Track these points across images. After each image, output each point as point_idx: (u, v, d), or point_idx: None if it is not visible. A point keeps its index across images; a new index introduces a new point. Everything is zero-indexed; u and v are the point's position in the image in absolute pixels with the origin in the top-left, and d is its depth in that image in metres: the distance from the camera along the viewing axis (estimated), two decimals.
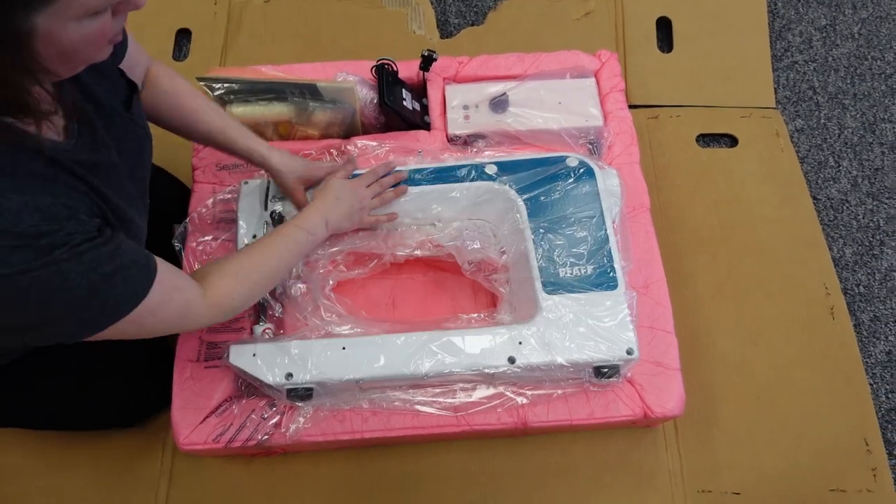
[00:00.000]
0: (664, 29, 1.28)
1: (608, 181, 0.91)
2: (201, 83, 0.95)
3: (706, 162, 1.16)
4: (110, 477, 0.97)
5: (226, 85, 0.96)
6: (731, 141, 1.19)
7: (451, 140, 1.00)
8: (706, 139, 1.21)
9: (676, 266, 1.07)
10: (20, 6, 0.43)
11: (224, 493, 0.95)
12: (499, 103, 1.00)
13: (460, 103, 1.02)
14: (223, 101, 0.97)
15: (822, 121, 1.24)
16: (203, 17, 1.27)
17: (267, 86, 0.96)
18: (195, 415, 0.84)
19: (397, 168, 0.91)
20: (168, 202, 0.99)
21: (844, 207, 1.16)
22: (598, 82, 1.05)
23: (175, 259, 0.90)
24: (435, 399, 0.83)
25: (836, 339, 1.02)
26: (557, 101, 1.01)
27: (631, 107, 1.20)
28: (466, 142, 1.00)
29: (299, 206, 0.87)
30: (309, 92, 0.96)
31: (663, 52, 1.26)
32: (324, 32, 1.22)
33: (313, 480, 0.94)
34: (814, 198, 1.15)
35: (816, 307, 1.04)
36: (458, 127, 1.00)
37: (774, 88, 1.24)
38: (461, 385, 0.83)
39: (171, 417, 0.84)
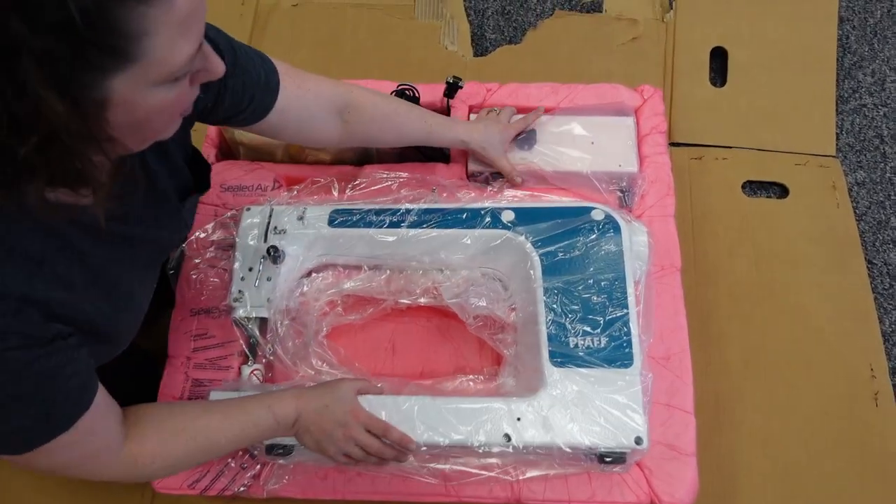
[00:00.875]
0: (719, 59, 1.18)
1: (636, 238, 0.83)
2: None
3: (751, 212, 1.06)
4: None
5: None
6: (782, 191, 1.09)
7: (471, 176, 0.93)
8: (753, 187, 1.10)
9: (705, 326, 0.98)
10: (97, 67, 0.38)
11: None
12: (525, 139, 0.93)
13: None
14: None
15: (888, 174, 1.12)
16: (229, 18, 1.22)
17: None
18: None
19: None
20: None
21: None
22: (637, 121, 0.96)
23: (167, 283, 0.86)
24: (424, 464, 0.78)
25: (877, 429, 0.92)
26: (591, 140, 0.93)
27: (673, 144, 1.12)
28: (487, 179, 0.92)
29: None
30: None
31: (715, 85, 1.15)
32: (350, 42, 1.16)
33: None
34: (868, 262, 1.04)
35: (859, 389, 0.94)
36: (478, 163, 0.92)
37: (836, 134, 1.12)
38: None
39: None
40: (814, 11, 1.20)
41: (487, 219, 0.84)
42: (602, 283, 0.79)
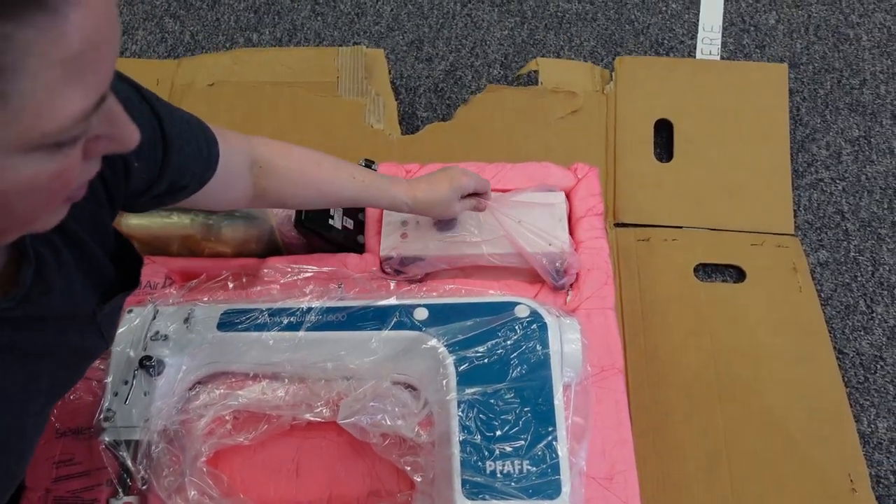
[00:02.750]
0: (664, 133, 1.13)
1: (567, 336, 0.74)
2: None
3: (706, 299, 0.98)
4: None
5: None
6: (738, 274, 1.02)
7: (384, 264, 0.85)
8: (707, 270, 1.03)
9: (660, 434, 0.89)
10: None
11: None
12: (442, 223, 0.85)
13: (399, 218, 0.87)
14: None
15: (853, 254, 1.06)
16: None
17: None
18: None
19: None
20: None
21: (878, 367, 0.97)
22: (570, 202, 0.90)
23: None
24: None
25: None
26: (517, 219, 0.86)
27: (618, 225, 1.06)
28: (401, 266, 0.85)
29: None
30: None
31: (661, 160, 1.11)
32: (270, 121, 1.11)
33: None
34: (839, 352, 0.96)
35: (837, 502, 0.84)
36: (392, 248, 0.85)
37: (794, 211, 1.07)
38: None
39: None
40: (764, 80, 1.18)
41: (397, 318, 0.75)
42: (525, 393, 0.69)
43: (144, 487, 0.74)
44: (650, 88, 1.14)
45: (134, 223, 0.86)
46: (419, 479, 0.70)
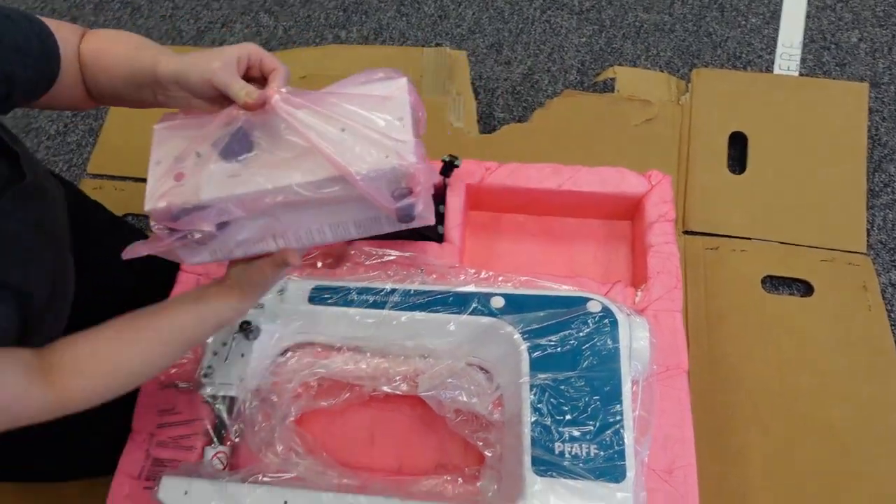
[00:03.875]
0: (738, 146, 1.16)
1: (636, 335, 0.78)
2: None
3: (772, 311, 1.00)
4: None
5: None
6: (806, 288, 1.03)
7: (153, 222, 0.58)
8: (775, 282, 1.05)
9: (721, 437, 0.91)
10: None
11: None
12: (231, 145, 0.57)
13: (172, 154, 0.59)
14: None
15: None
16: None
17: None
18: None
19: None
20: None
21: None
22: (643, 207, 0.94)
23: None
24: None
25: None
26: (339, 126, 0.56)
27: (688, 233, 1.08)
28: (175, 222, 0.58)
29: (228, 91, 0.57)
30: None
31: (734, 172, 1.13)
32: None
33: None
34: None
35: None
36: (161, 196, 0.57)
37: (867, 230, 1.07)
38: None
39: None
40: (843, 98, 1.18)
41: (475, 304, 0.80)
42: (595, 383, 0.74)
43: (237, 440, 0.81)
44: (726, 101, 1.16)
45: None
46: (489, 455, 0.76)
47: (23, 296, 0.62)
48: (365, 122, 0.57)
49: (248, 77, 0.58)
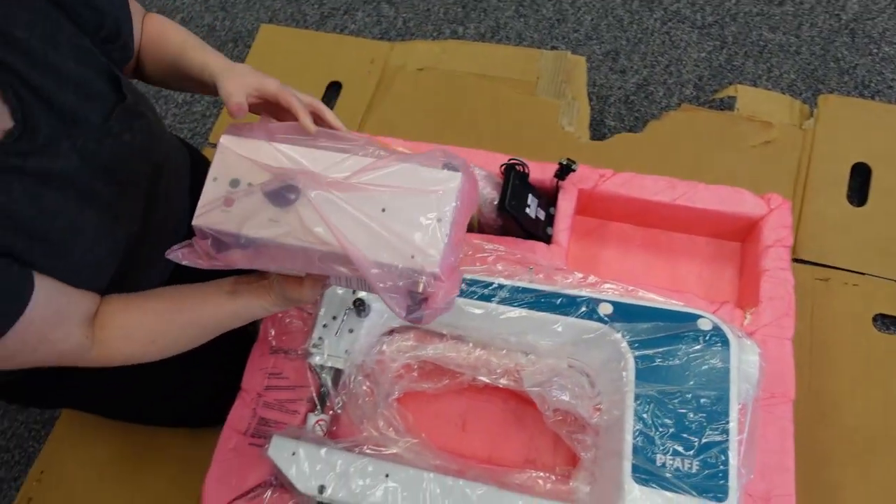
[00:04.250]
0: (860, 177, 1.11)
1: (745, 357, 0.77)
2: None
3: (883, 350, 0.97)
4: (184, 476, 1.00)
5: None
6: None
7: (197, 238, 0.62)
8: (887, 322, 1.01)
9: (815, 470, 0.89)
10: None
11: None
12: (279, 194, 0.59)
13: (229, 177, 0.61)
14: None
15: None
16: (356, 74, 1.30)
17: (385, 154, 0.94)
18: (226, 492, 0.81)
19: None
20: None
21: None
22: (760, 231, 0.92)
23: None
24: None
25: None
26: (381, 207, 0.58)
27: (797, 261, 1.06)
28: (215, 248, 0.61)
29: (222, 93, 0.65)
30: None
31: (853, 204, 1.09)
32: (467, 111, 1.20)
33: None
34: None
35: None
36: (209, 217, 0.60)
37: None
38: None
39: (203, 489, 0.82)
40: None
41: (584, 308, 0.81)
42: (702, 401, 0.73)
43: (339, 409, 0.86)
44: (852, 130, 1.12)
45: None
46: (587, 457, 0.77)
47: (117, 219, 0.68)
48: (405, 213, 0.57)
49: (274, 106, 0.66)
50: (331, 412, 0.86)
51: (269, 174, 0.59)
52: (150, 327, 0.69)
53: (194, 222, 0.60)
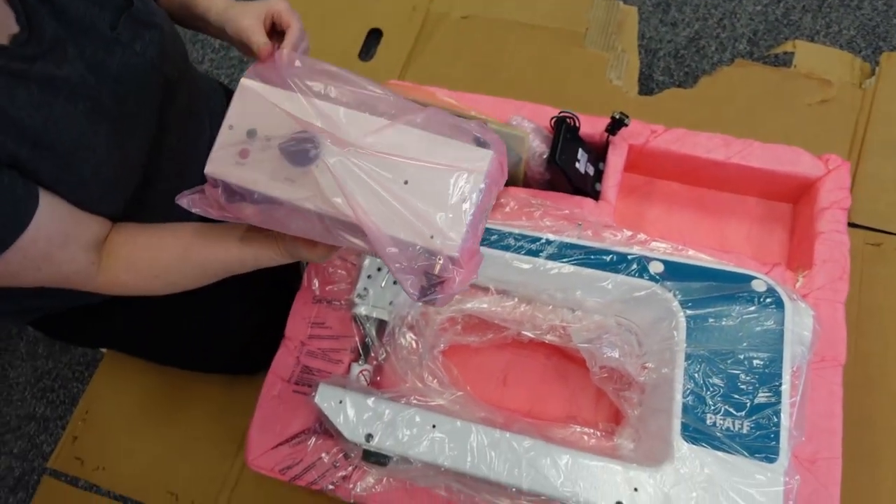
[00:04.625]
0: None
1: (799, 320, 0.76)
2: None
3: None
4: (210, 425, 1.02)
5: None
6: None
7: (208, 186, 0.59)
8: None
9: (860, 435, 0.88)
10: None
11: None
12: (298, 153, 0.55)
13: (246, 126, 0.57)
14: None
15: None
16: (397, 22, 1.27)
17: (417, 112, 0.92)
18: (270, 438, 0.82)
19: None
20: None
21: None
22: (817, 192, 0.89)
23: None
24: None
25: None
26: (405, 178, 0.55)
27: (850, 225, 1.03)
28: (226, 197, 0.58)
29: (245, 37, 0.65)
30: None
31: None
32: (512, 61, 1.17)
33: None
34: None
35: None
36: (222, 166, 0.57)
37: None
38: None
39: (248, 433, 0.83)
40: None
41: (634, 266, 0.80)
42: (754, 362, 0.73)
43: (382, 360, 0.86)
44: None
45: None
46: (633, 414, 0.76)
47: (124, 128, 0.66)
48: (430, 188, 0.53)
49: (273, 30, 0.65)
50: (374, 362, 0.86)
51: (288, 129, 0.55)
52: (154, 262, 0.68)
53: (206, 169, 0.57)
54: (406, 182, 0.54)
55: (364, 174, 0.54)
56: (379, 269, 0.86)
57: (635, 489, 0.67)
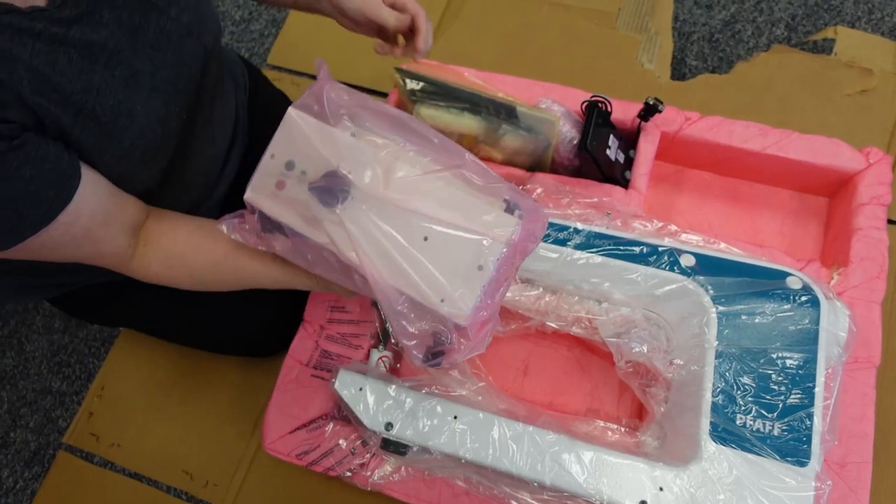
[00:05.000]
0: None
1: (835, 320, 0.73)
2: (397, 74, 0.90)
3: None
4: (228, 408, 1.02)
5: (422, 83, 0.90)
6: None
7: (248, 211, 0.61)
8: None
9: (885, 438, 0.86)
10: None
11: (296, 493, 0.94)
12: (326, 192, 0.55)
13: (286, 157, 0.58)
14: (413, 98, 0.92)
15: None
16: None
17: (463, 95, 0.89)
18: (287, 422, 0.81)
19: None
20: None
21: None
22: (855, 187, 0.86)
23: None
24: None
25: None
26: (422, 235, 0.55)
27: (889, 222, 0.99)
28: (262, 225, 0.61)
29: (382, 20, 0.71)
30: (505, 112, 0.88)
31: None
32: (539, 41, 1.13)
33: None
34: None
35: None
36: (259, 195, 0.59)
37: None
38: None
39: (265, 417, 0.82)
40: None
41: (665, 258, 0.78)
42: (787, 362, 0.71)
43: (402, 348, 0.85)
44: None
45: (425, 113, 0.94)
46: (660, 411, 0.75)
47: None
48: (448, 250, 0.53)
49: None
50: (394, 349, 0.85)
51: (323, 167, 0.56)
52: (191, 261, 0.68)
53: (246, 196, 0.59)
54: (426, 238, 0.53)
55: (384, 227, 0.54)
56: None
57: (660, 488, 0.66)
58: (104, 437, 1.03)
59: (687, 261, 0.78)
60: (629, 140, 0.93)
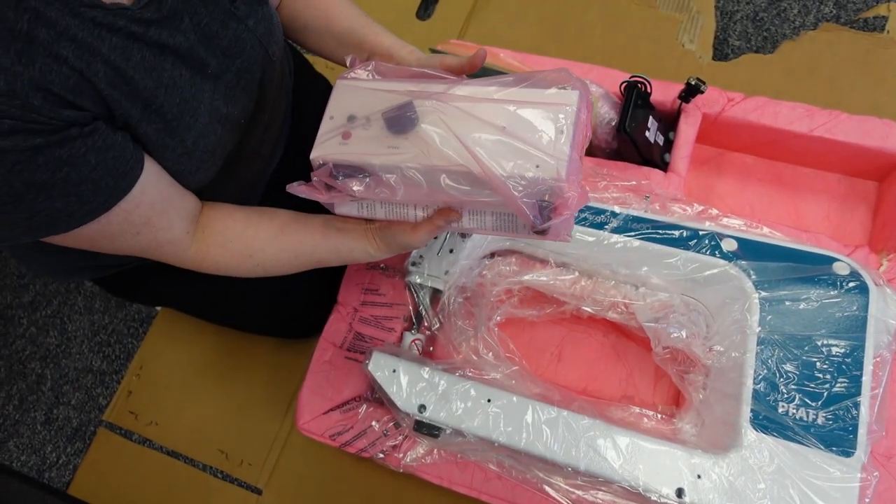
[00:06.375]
0: None
1: (884, 307, 0.71)
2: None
3: None
4: (262, 388, 1.05)
5: None
6: None
7: (313, 176, 0.62)
8: None
9: None
10: None
11: (328, 472, 0.96)
12: (397, 119, 0.59)
13: (346, 112, 0.62)
14: None
15: None
16: None
17: (499, 76, 0.88)
18: (321, 403, 0.83)
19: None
20: None
21: None
22: None
23: None
24: (571, 490, 0.73)
25: None
26: (502, 124, 0.58)
27: None
28: (334, 180, 0.60)
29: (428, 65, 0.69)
30: None
31: None
32: (578, 21, 1.12)
33: None
34: None
35: None
36: (326, 149, 0.61)
37: None
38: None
39: (298, 397, 0.84)
40: None
41: (706, 243, 0.76)
42: (833, 350, 0.69)
43: (435, 330, 0.85)
44: None
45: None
46: (698, 397, 0.74)
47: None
48: (525, 127, 0.57)
49: None
50: (427, 332, 0.85)
51: (387, 104, 0.59)
52: (249, 240, 0.69)
53: (312, 155, 0.61)
54: (504, 127, 0.57)
55: (464, 121, 0.58)
56: (435, 238, 0.84)
57: (698, 476, 0.65)
58: (142, 416, 1.06)
59: (729, 245, 0.76)
60: (669, 122, 0.91)
